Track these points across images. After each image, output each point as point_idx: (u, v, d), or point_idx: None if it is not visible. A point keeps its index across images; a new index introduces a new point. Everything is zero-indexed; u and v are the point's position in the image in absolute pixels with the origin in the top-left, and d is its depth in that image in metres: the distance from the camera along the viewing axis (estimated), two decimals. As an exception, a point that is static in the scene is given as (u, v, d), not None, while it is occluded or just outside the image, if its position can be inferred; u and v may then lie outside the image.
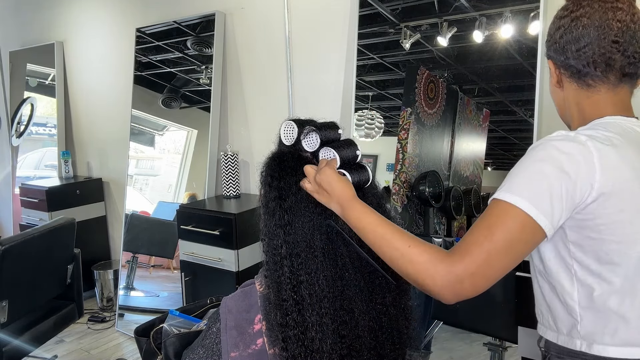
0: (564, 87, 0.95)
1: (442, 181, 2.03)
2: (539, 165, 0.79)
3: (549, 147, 0.81)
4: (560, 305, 0.88)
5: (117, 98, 3.32)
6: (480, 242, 0.77)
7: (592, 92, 0.91)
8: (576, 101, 0.93)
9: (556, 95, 0.99)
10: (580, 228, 0.82)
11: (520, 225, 0.77)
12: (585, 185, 0.78)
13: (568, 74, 0.93)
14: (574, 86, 0.93)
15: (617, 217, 0.79)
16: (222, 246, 2.24)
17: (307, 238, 0.89)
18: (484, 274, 0.76)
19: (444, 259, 0.77)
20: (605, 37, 0.85)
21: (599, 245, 0.81)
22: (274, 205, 0.91)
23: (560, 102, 0.99)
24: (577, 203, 0.79)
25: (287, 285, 0.87)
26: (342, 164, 0.94)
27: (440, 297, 0.78)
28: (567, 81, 0.94)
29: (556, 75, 0.95)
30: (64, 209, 3.30)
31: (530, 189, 0.78)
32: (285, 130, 0.97)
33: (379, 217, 0.87)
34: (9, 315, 1.97)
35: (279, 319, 0.87)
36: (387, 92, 2.24)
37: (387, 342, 0.95)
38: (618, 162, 0.79)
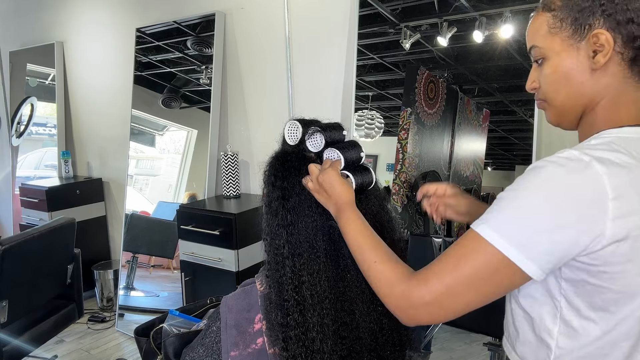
0: (607, 72, 0.72)
1: (442, 181, 2.03)
2: (537, 199, 0.65)
3: (551, 177, 0.65)
4: (533, 338, 0.77)
5: (117, 98, 3.32)
6: (442, 275, 0.70)
7: (638, 88, 0.73)
8: (618, 92, 0.72)
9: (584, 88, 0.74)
10: (578, 270, 0.69)
11: (495, 267, 0.67)
12: (593, 231, 0.63)
13: (628, 55, 0.70)
14: (624, 73, 0.72)
15: (623, 267, 0.66)
16: (222, 246, 2.24)
17: (309, 238, 0.89)
18: (441, 306, 0.70)
19: (404, 281, 0.74)
20: None
21: (596, 292, 0.69)
22: (277, 205, 0.91)
23: (590, 95, 0.74)
24: (580, 250, 0.65)
25: (289, 285, 0.87)
26: (346, 165, 0.94)
27: (396, 316, 0.76)
28: (617, 65, 0.71)
29: (610, 53, 0.70)
30: (64, 209, 3.31)
31: (518, 228, 0.66)
32: (290, 130, 0.97)
33: (365, 228, 0.86)
34: (9, 315, 1.96)
35: (279, 319, 0.87)
36: (387, 92, 2.24)
37: (387, 344, 0.95)
38: (639, 203, 0.64)
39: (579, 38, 0.73)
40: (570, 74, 0.74)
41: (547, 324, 0.74)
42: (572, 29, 0.73)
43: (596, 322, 0.70)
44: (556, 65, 0.75)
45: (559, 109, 0.78)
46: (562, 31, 0.74)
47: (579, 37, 0.72)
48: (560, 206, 0.64)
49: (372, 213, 0.97)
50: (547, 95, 0.79)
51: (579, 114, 0.77)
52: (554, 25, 0.75)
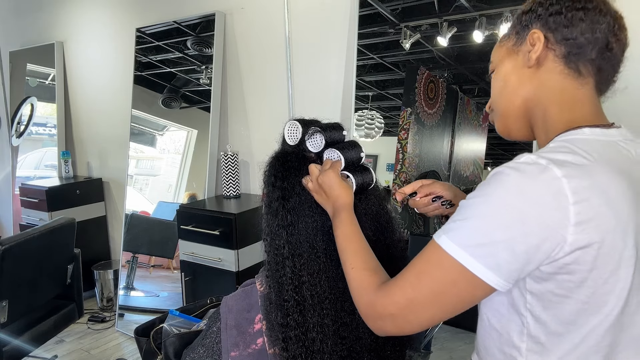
0: (542, 70, 0.75)
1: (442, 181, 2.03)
2: (494, 207, 0.63)
3: (511, 183, 0.63)
4: (502, 356, 0.74)
5: (117, 98, 3.32)
6: (404, 287, 0.69)
7: (582, 84, 0.74)
8: (560, 89, 0.74)
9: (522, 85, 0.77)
10: (543, 280, 0.66)
11: (455, 279, 0.65)
12: (555, 238, 0.61)
13: (561, 51, 0.73)
14: (560, 69, 0.74)
15: (589, 275, 0.63)
16: (222, 246, 2.24)
17: (309, 239, 0.89)
18: (405, 318, 0.70)
19: (372, 291, 0.74)
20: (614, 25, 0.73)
21: (562, 303, 0.66)
22: (277, 205, 0.91)
23: (529, 93, 0.76)
24: (543, 257, 0.63)
25: (289, 285, 0.87)
26: (346, 165, 0.94)
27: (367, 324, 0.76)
28: (552, 61, 0.74)
29: (542, 50, 0.74)
30: (64, 209, 3.31)
31: (477, 238, 0.64)
32: (290, 130, 0.97)
33: (353, 233, 0.85)
34: (9, 315, 1.97)
35: (279, 319, 0.87)
36: (387, 92, 2.24)
37: (387, 344, 0.95)
38: (601, 206, 0.62)
39: (519, 43, 0.78)
40: (510, 76, 0.79)
41: (514, 340, 0.72)
42: (515, 38, 0.79)
43: (564, 336, 0.67)
44: (500, 71, 0.81)
45: (503, 111, 0.80)
46: (508, 42, 0.80)
47: (520, 42, 0.78)
48: (519, 213, 0.61)
49: (372, 213, 0.97)
50: (494, 101, 0.82)
51: (521, 116, 0.79)
52: (502, 40, 0.82)
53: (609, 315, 0.66)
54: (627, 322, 0.68)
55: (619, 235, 0.63)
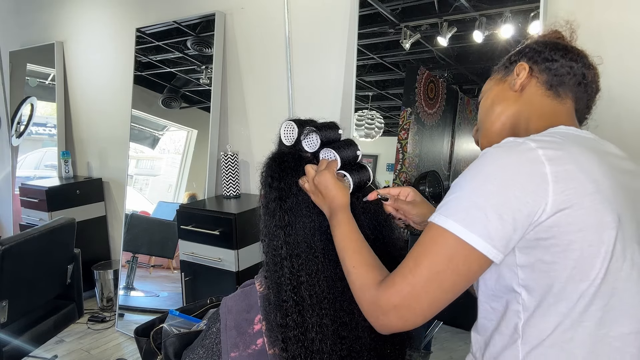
0: (526, 92, 0.87)
1: (442, 181, 2.03)
2: (480, 180, 0.69)
3: (493, 157, 0.71)
4: (500, 340, 0.76)
5: (117, 98, 3.32)
6: (405, 274, 0.71)
7: (562, 102, 0.86)
8: (540, 106, 0.85)
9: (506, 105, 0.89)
10: (531, 249, 0.70)
11: (450, 253, 0.68)
12: (537, 200, 0.66)
13: (543, 78, 0.86)
14: (542, 91, 0.86)
15: (574, 237, 0.67)
16: (222, 246, 2.24)
17: (307, 239, 0.89)
18: (409, 307, 0.70)
19: (375, 286, 0.74)
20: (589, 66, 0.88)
21: (552, 271, 0.69)
22: (274, 205, 0.91)
23: (513, 110, 0.88)
24: (529, 221, 0.67)
25: (288, 286, 0.87)
26: (342, 164, 0.94)
27: (371, 324, 0.75)
28: (535, 86, 0.87)
29: (525, 78, 0.87)
30: (64, 209, 3.31)
31: (466, 208, 0.68)
32: (286, 131, 0.97)
33: (351, 232, 0.85)
34: (9, 315, 1.97)
35: (279, 320, 0.87)
36: (387, 92, 2.24)
37: (387, 343, 0.95)
38: (576, 172, 0.68)
39: (507, 74, 0.91)
40: (496, 97, 0.91)
41: (513, 320, 0.74)
42: (503, 72, 0.92)
43: (556, 306, 0.70)
44: (487, 98, 0.93)
45: (489, 132, 0.91)
46: (497, 74, 0.94)
47: (507, 74, 0.91)
48: (502, 181, 0.68)
49: (370, 211, 0.97)
50: (480, 121, 0.94)
51: (505, 131, 0.88)
52: (492, 75, 0.95)
53: (596, 279, 0.69)
54: (620, 288, 0.70)
55: (597, 199, 0.68)
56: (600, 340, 0.71)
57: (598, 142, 0.80)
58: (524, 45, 0.92)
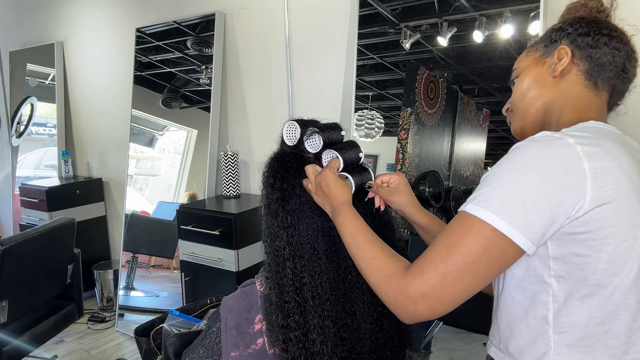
0: (564, 80, 0.84)
1: (442, 181, 2.03)
2: (517, 172, 0.69)
3: (531, 151, 0.71)
4: (528, 331, 0.77)
5: (117, 98, 3.32)
6: (435, 263, 0.70)
7: (597, 95, 0.84)
8: (577, 97, 0.83)
9: (544, 90, 0.86)
10: (566, 243, 0.70)
11: (486, 245, 0.68)
12: (575, 195, 0.67)
13: (584, 67, 0.83)
14: (581, 81, 0.83)
15: (609, 232, 0.69)
16: (222, 246, 2.24)
17: (310, 240, 0.89)
18: (439, 296, 0.69)
19: (400, 276, 0.73)
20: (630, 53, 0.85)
21: (586, 264, 0.70)
22: (276, 206, 0.90)
23: (550, 98, 0.85)
24: (566, 216, 0.68)
25: (290, 287, 0.87)
26: (345, 166, 0.93)
27: (395, 314, 0.74)
28: (575, 74, 0.83)
29: (567, 64, 0.83)
30: (64, 209, 3.31)
31: (504, 200, 0.68)
32: (288, 131, 0.97)
33: (361, 225, 0.85)
34: (9, 315, 1.96)
35: (280, 321, 0.87)
36: (387, 92, 2.24)
37: (387, 345, 0.95)
38: (613, 168, 0.69)
39: (547, 55, 0.87)
40: (534, 82, 0.87)
41: (541, 311, 0.74)
42: (543, 50, 0.88)
43: (590, 298, 0.71)
44: (525, 77, 0.89)
45: (522, 113, 0.89)
46: (535, 52, 0.89)
47: (548, 54, 0.87)
48: (541, 175, 0.68)
49: (372, 213, 0.97)
50: (514, 105, 0.91)
51: (540, 119, 0.86)
52: (529, 50, 0.91)
53: (630, 272, 0.71)
54: None
55: (633, 195, 0.70)
56: (635, 332, 0.73)
57: (623, 137, 0.80)
58: (567, 22, 0.87)
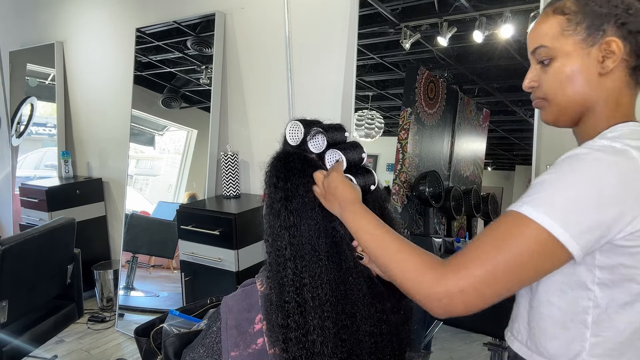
0: (609, 76, 0.77)
1: (442, 181, 2.03)
2: (578, 179, 0.67)
3: (593, 160, 0.68)
4: (563, 332, 0.76)
5: (117, 98, 3.32)
6: (482, 259, 0.68)
7: (635, 92, 0.79)
8: (619, 95, 0.77)
9: (589, 87, 0.78)
10: (615, 254, 0.70)
11: (537, 247, 0.67)
12: (632, 211, 0.66)
13: (630, 62, 0.76)
14: (625, 79, 0.77)
15: None
16: (222, 246, 2.24)
17: (312, 241, 0.88)
18: (479, 293, 0.68)
19: (434, 268, 0.70)
20: None
21: (632, 275, 0.70)
22: (279, 206, 0.90)
23: (594, 95, 0.78)
24: (621, 228, 0.67)
25: (290, 287, 0.87)
26: (348, 166, 0.93)
27: (426, 308, 0.71)
28: (621, 71, 0.77)
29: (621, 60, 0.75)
30: (64, 209, 3.30)
31: (561, 206, 0.67)
32: (291, 131, 0.96)
33: (377, 220, 0.83)
34: (9, 315, 1.96)
35: (280, 321, 0.87)
36: (387, 92, 2.24)
37: (387, 348, 0.94)
38: None
39: (591, 43, 0.76)
40: (577, 75, 0.78)
41: (581, 316, 0.74)
42: (586, 34, 0.76)
43: (633, 306, 0.71)
44: (564, 65, 0.78)
45: (561, 107, 0.81)
46: (576, 34, 0.77)
47: (592, 42, 0.76)
48: (602, 185, 0.66)
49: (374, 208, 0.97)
50: (550, 94, 0.81)
51: (578, 114, 0.80)
52: (567, 28, 0.78)
53: None
54: None
55: None
56: None
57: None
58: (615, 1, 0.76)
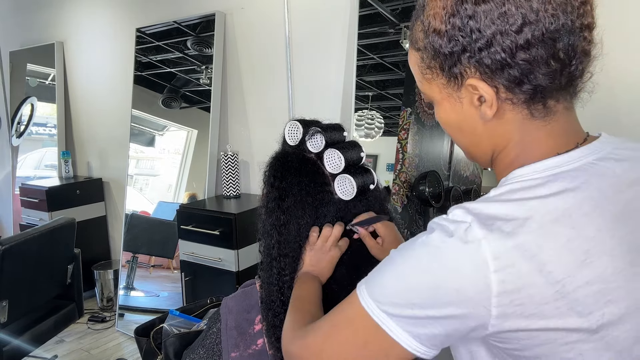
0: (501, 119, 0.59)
1: (442, 181, 2.03)
2: (411, 267, 0.56)
3: (431, 243, 0.55)
4: None
5: (117, 98, 3.32)
6: (317, 336, 0.65)
7: (548, 120, 0.58)
8: (522, 135, 0.59)
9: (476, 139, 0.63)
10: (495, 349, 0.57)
11: (365, 341, 0.58)
12: (477, 313, 0.52)
13: (518, 99, 0.57)
14: (522, 115, 0.58)
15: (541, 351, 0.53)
16: (222, 246, 2.24)
17: (298, 239, 0.89)
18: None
19: (299, 329, 0.71)
20: None
21: None
22: (273, 205, 0.91)
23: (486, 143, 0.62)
24: (469, 330, 0.55)
25: (275, 286, 0.88)
26: (346, 165, 0.93)
27: None
28: (513, 110, 0.58)
29: (495, 104, 0.57)
30: (64, 209, 3.30)
31: (393, 295, 0.56)
32: (290, 131, 0.97)
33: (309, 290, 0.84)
34: (9, 315, 1.97)
35: (270, 320, 0.88)
36: (387, 92, 2.24)
37: None
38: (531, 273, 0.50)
39: (455, 87, 0.60)
40: (460, 126, 0.63)
41: None
42: (445, 78, 0.60)
43: None
44: (443, 115, 0.64)
45: (466, 153, 0.69)
46: (436, 78, 0.61)
47: (456, 86, 0.60)
48: (435, 279, 0.53)
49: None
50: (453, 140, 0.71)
51: (487, 156, 0.65)
52: (425, 71, 0.63)
53: None
54: None
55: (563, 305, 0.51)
56: None
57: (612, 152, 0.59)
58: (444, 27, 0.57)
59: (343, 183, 0.91)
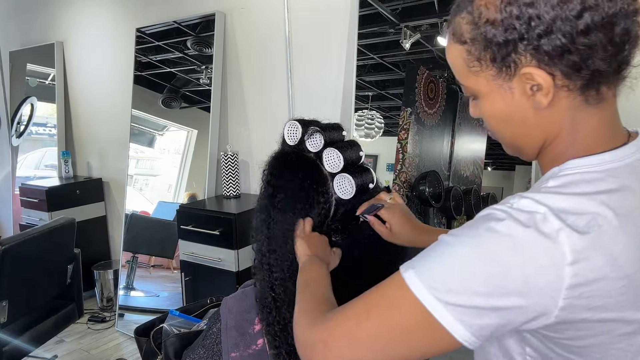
0: (555, 108, 0.58)
1: (442, 181, 2.03)
2: (477, 252, 0.54)
3: (500, 230, 0.53)
4: None
5: (117, 98, 3.32)
6: (348, 319, 0.60)
7: (601, 107, 0.58)
8: (574, 124, 0.59)
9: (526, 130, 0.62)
10: (541, 340, 0.58)
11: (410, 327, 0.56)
12: (544, 304, 0.52)
13: (574, 85, 0.56)
14: (576, 103, 0.58)
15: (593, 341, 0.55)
16: (222, 246, 2.24)
17: (286, 234, 0.90)
18: (339, 354, 0.59)
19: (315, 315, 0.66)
20: None
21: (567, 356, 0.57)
22: (266, 202, 0.92)
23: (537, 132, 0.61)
24: (526, 321, 0.54)
25: (266, 283, 0.89)
26: (345, 165, 0.93)
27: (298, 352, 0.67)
28: (567, 97, 0.57)
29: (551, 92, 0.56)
30: (64, 209, 3.30)
31: (449, 282, 0.54)
32: (289, 130, 0.97)
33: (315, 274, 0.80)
34: (9, 315, 1.96)
35: (264, 317, 0.88)
36: (387, 92, 2.24)
37: None
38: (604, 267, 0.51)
39: (507, 77, 0.58)
40: (510, 117, 0.61)
41: None
42: (496, 69, 0.59)
43: None
44: (491, 106, 0.62)
45: (509, 146, 0.67)
46: (485, 70, 0.60)
47: (507, 77, 0.58)
48: (505, 269, 0.52)
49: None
50: (494, 134, 0.67)
51: (535, 148, 0.63)
52: (471, 64, 0.60)
53: None
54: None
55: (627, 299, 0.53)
56: None
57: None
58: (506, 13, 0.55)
59: (342, 182, 0.91)
